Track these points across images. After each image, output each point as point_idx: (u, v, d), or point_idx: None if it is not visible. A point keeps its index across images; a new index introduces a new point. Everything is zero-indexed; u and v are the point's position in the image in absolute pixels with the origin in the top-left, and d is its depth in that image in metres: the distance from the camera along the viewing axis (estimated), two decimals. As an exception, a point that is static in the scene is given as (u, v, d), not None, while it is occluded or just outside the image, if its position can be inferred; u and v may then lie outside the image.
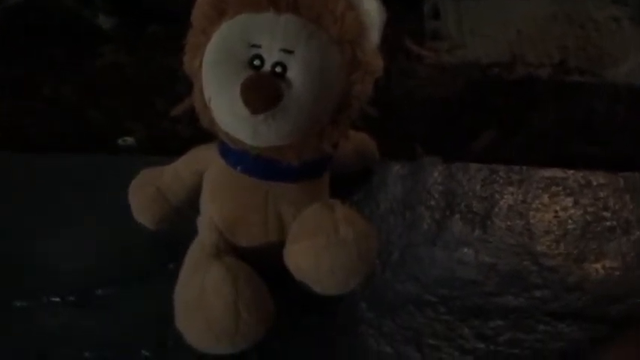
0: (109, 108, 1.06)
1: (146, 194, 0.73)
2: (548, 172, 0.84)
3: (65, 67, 1.15)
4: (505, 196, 0.80)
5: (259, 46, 0.60)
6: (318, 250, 0.60)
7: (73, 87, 1.11)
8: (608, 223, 0.77)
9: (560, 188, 0.82)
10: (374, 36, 0.63)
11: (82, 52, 1.19)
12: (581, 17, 1.28)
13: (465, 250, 0.73)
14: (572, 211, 0.78)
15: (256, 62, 0.60)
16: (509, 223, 0.77)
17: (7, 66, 1.15)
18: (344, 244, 0.59)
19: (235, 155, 0.66)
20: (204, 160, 0.70)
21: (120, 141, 0.99)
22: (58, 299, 0.70)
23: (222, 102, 0.61)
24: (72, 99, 1.08)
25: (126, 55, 1.18)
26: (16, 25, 1.23)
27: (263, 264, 0.65)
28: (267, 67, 0.60)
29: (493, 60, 1.16)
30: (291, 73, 0.60)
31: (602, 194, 0.80)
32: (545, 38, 1.23)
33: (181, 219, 0.73)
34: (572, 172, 0.83)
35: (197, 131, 0.68)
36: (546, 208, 0.79)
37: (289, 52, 0.60)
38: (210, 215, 0.69)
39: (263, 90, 0.58)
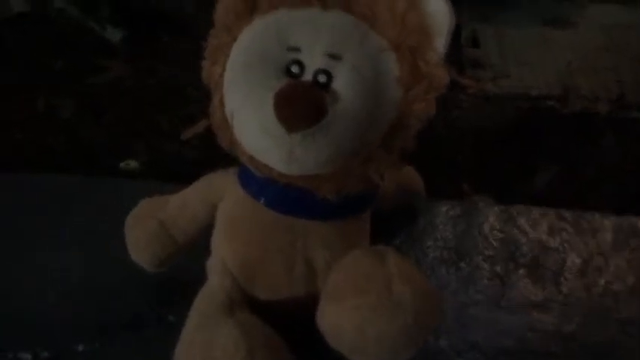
0: (109, 125, 0.94)
1: (146, 229, 0.60)
2: (625, 220, 0.70)
3: (64, 81, 1.04)
4: (578, 248, 0.67)
5: (299, 50, 0.49)
6: (366, 312, 0.46)
7: (71, 102, 0.99)
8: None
9: (642, 241, 0.68)
10: (440, 43, 0.51)
11: (85, 65, 1.08)
12: (634, 49, 1.17)
13: (536, 313, 0.59)
14: (660, 268, 0.65)
15: (294, 69, 0.48)
16: (586, 280, 0.63)
17: (1, 77, 1.04)
18: (398, 306, 0.46)
19: (258, 184, 0.53)
20: (220, 188, 0.57)
21: (122, 164, 0.87)
22: (29, 356, 0.56)
23: (249, 117, 0.48)
24: (69, 114, 0.96)
25: (132, 70, 1.06)
26: (17, 35, 1.13)
27: (286, 322, 0.52)
28: (307, 75, 0.48)
29: (544, 92, 1.04)
30: (337, 84, 0.48)
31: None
32: (598, 70, 1.11)
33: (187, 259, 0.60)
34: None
35: (207, 154, 0.54)
36: (629, 263, 0.65)
37: (336, 57, 0.48)
38: (222, 257, 0.56)
39: (302, 103, 0.46)
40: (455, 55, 1.14)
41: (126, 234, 0.61)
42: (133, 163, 0.86)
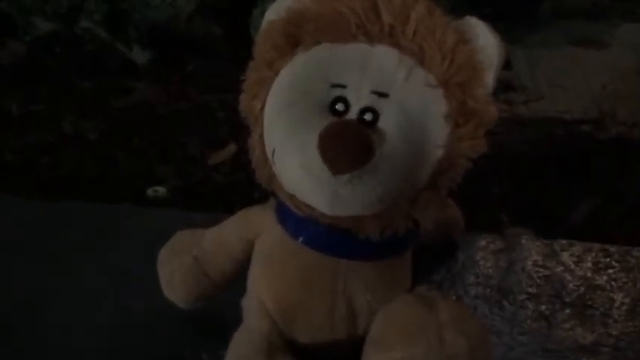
0: (136, 149, 0.93)
1: (181, 265, 0.58)
2: (674, 257, 0.67)
3: (90, 102, 1.03)
4: (626, 287, 0.64)
5: (344, 86, 0.47)
6: (417, 364, 0.44)
7: (97, 124, 0.98)
8: None
9: (693, 278, 0.65)
10: (489, 78, 0.49)
11: (112, 86, 1.07)
12: (672, 71, 1.14)
13: (586, 359, 0.56)
14: None
15: (339, 107, 0.46)
16: (637, 322, 0.60)
17: (28, 99, 1.03)
18: (452, 358, 0.43)
19: (297, 222, 0.51)
20: (257, 225, 0.56)
21: (150, 191, 0.85)
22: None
23: (291, 156, 0.46)
24: (95, 138, 0.95)
25: (159, 92, 1.06)
26: (43, 56, 1.13)
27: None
28: (353, 113, 0.46)
29: (578, 116, 1.01)
30: (383, 123, 0.46)
31: None
32: (634, 94, 1.08)
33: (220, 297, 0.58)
34: None
35: (237, 180, 0.53)
36: (681, 303, 0.62)
37: (383, 95, 0.46)
38: (260, 297, 0.54)
39: (349, 143, 0.44)
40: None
41: (159, 269, 0.60)
42: (161, 190, 0.84)
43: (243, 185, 0.59)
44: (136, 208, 0.80)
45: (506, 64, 1.35)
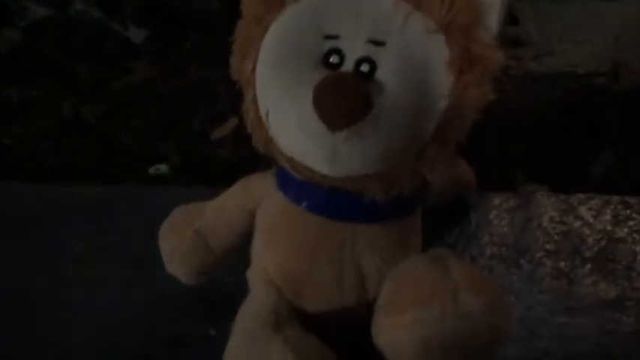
0: (138, 130, 0.91)
1: (182, 239, 0.56)
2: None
3: (89, 85, 1.01)
4: (648, 238, 0.61)
5: (337, 37, 0.44)
6: (430, 326, 0.41)
7: (97, 107, 0.96)
8: None
9: None
10: (492, 21, 0.46)
11: (110, 67, 1.05)
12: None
13: (611, 313, 0.53)
14: None
15: (334, 59, 0.44)
16: (661, 274, 0.57)
17: (26, 84, 1.01)
18: (467, 318, 0.41)
19: (299, 187, 0.49)
20: (258, 193, 0.53)
21: (151, 170, 0.83)
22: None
23: (285, 115, 0.44)
24: (96, 120, 0.93)
25: (159, 71, 1.03)
26: (39, 41, 1.10)
27: (337, 333, 0.48)
28: (348, 64, 0.44)
29: (592, 68, 0.97)
30: (381, 73, 0.43)
31: None
32: (649, 43, 1.04)
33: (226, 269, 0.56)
34: None
35: (241, 155, 0.50)
36: None
37: (379, 43, 0.44)
38: (265, 267, 0.51)
39: (345, 96, 0.41)
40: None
41: (160, 244, 0.58)
42: (163, 168, 0.82)
43: (247, 159, 0.57)
44: (138, 187, 0.78)
45: (513, 20, 1.30)
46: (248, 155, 0.50)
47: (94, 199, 0.72)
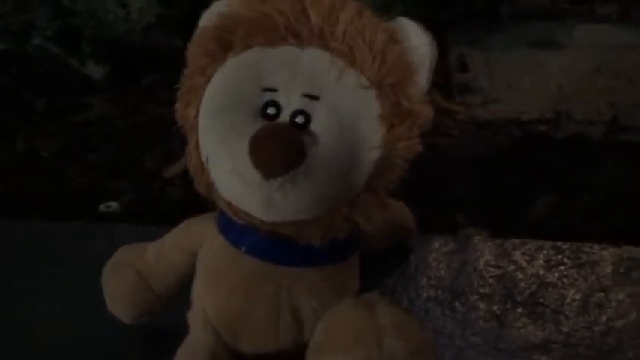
0: (91, 166, 0.91)
1: (124, 280, 0.57)
2: (625, 252, 0.68)
3: (45, 120, 1.01)
4: (577, 283, 0.64)
5: (275, 90, 0.46)
6: (354, 370, 0.43)
7: (51, 142, 0.96)
8: None
9: (646, 273, 0.65)
10: (423, 79, 0.48)
11: (68, 103, 1.06)
12: (628, 71, 1.15)
13: (537, 356, 0.56)
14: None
15: (270, 110, 0.46)
16: (587, 318, 0.60)
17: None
18: (390, 362, 0.42)
19: (238, 231, 0.51)
20: (198, 235, 0.55)
21: (102, 207, 0.84)
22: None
23: (222, 162, 0.46)
24: (49, 155, 0.93)
25: (115, 107, 1.04)
26: (-5, 74, 1.11)
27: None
28: (284, 116, 0.46)
29: (535, 116, 1.02)
30: (315, 125, 0.45)
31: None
32: (590, 94, 1.09)
33: (167, 310, 0.57)
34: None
35: (192, 193, 0.52)
36: (631, 298, 0.62)
37: (314, 97, 0.46)
38: (203, 308, 0.52)
39: (280, 146, 0.44)
40: (443, 80, 1.13)
41: (103, 284, 0.58)
42: (113, 205, 0.83)
43: (199, 198, 0.59)
44: (88, 225, 0.79)
45: (464, 67, 1.35)
46: (199, 194, 0.52)
47: (44, 238, 0.72)
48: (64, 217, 0.83)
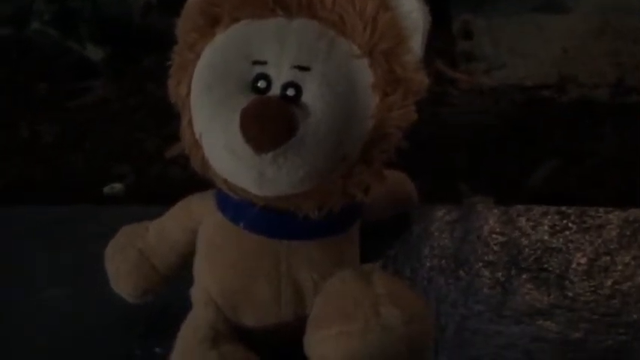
0: (93, 150, 0.91)
1: (126, 259, 0.57)
2: (631, 214, 0.67)
3: (47, 105, 1.01)
4: (582, 247, 0.63)
5: (265, 63, 0.46)
6: (353, 340, 0.43)
7: (54, 127, 0.96)
8: None
9: (653, 235, 0.65)
10: (416, 45, 0.47)
11: (68, 87, 1.05)
12: (633, 30, 1.12)
13: (542, 321, 0.55)
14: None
15: (261, 84, 0.45)
16: (592, 282, 0.59)
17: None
18: (388, 331, 0.43)
19: (236, 207, 0.50)
20: (198, 213, 0.55)
21: (106, 189, 0.84)
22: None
23: (215, 139, 0.45)
24: (52, 140, 0.94)
25: (116, 89, 1.04)
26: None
27: (276, 349, 0.50)
28: (275, 89, 0.45)
29: (539, 81, 1.00)
30: (307, 97, 0.45)
31: None
32: (595, 56, 1.07)
33: (171, 289, 0.57)
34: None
35: (194, 173, 0.52)
36: (637, 261, 0.61)
37: (304, 69, 0.45)
38: (205, 286, 0.53)
39: (270, 120, 0.43)
40: (447, 49, 1.11)
41: (106, 264, 0.59)
42: (117, 187, 0.83)
43: (202, 179, 0.59)
44: (92, 207, 0.79)
45: (468, 34, 1.33)
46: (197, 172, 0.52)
47: (48, 221, 0.73)
48: (68, 202, 0.83)
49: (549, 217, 0.67)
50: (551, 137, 0.87)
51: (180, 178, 0.83)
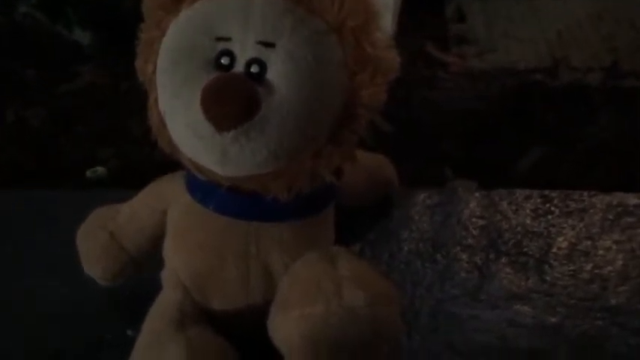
0: (79, 133, 0.91)
1: (96, 241, 0.56)
2: (615, 198, 0.65)
3: (34, 90, 1.00)
4: (564, 231, 0.62)
5: (229, 39, 0.45)
6: (315, 321, 0.42)
7: (41, 111, 0.95)
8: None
9: (635, 219, 0.63)
10: (387, 22, 0.46)
11: (58, 72, 1.05)
12: (630, 15, 1.10)
13: (519, 306, 0.54)
14: (653, 248, 0.60)
15: (224, 60, 0.44)
16: (572, 267, 0.58)
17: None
18: (351, 313, 0.42)
19: (205, 188, 0.49)
20: (167, 195, 0.54)
21: (89, 172, 0.83)
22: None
23: (178, 116, 0.44)
24: (38, 125, 0.93)
25: (105, 74, 1.03)
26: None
27: (243, 334, 0.48)
28: (239, 66, 0.44)
29: (532, 65, 0.98)
30: (271, 74, 0.44)
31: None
32: (590, 40, 1.05)
33: (143, 271, 0.56)
34: (645, 196, 0.64)
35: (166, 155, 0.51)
36: (619, 245, 0.60)
37: (269, 45, 0.44)
38: (174, 268, 0.52)
39: (231, 97, 0.42)
40: (440, 32, 1.09)
41: (78, 246, 0.58)
42: (100, 170, 0.83)
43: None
44: (73, 192, 0.78)
45: (460, 18, 1.32)
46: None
47: (30, 205, 0.72)
48: (54, 186, 0.83)
49: (532, 200, 0.66)
50: (543, 122, 0.85)
51: (164, 162, 0.82)
